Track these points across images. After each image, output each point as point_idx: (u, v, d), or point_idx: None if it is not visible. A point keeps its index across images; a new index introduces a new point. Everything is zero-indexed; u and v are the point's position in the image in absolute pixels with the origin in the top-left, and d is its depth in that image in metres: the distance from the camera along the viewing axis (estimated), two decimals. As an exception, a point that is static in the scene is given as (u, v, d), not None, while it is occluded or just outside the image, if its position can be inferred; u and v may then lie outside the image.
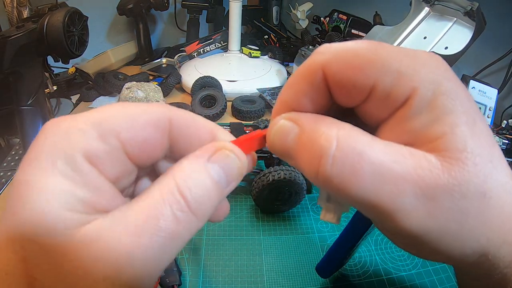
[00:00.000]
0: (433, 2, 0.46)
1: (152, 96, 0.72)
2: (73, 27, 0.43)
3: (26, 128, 0.45)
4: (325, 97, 0.16)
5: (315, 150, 0.14)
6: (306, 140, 0.15)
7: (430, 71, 0.15)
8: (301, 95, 0.16)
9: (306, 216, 0.46)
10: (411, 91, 0.14)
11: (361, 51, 0.15)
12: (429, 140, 0.14)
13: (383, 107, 0.15)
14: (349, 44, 0.15)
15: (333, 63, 0.15)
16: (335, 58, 0.15)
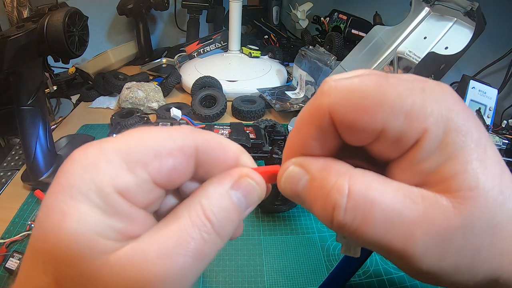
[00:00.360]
0: (433, 2, 0.46)
1: (152, 96, 0.72)
2: (73, 27, 0.42)
3: (26, 128, 0.45)
4: (334, 138, 0.16)
5: (327, 201, 0.15)
6: (317, 189, 0.15)
7: (440, 108, 0.14)
8: (310, 139, 0.16)
9: (306, 216, 0.46)
10: (422, 132, 0.14)
11: (368, 92, 0.14)
12: (441, 180, 0.14)
13: (393, 148, 0.15)
14: (355, 82, 0.15)
15: (340, 106, 0.15)
16: (341, 101, 0.15)
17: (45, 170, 0.47)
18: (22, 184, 0.49)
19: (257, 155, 0.46)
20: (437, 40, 0.45)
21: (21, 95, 0.43)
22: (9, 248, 0.40)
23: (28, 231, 0.40)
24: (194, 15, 1.02)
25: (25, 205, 0.46)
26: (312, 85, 0.73)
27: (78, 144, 0.58)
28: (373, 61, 0.52)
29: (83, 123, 0.67)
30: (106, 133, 0.63)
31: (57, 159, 0.50)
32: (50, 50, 0.43)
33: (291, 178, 0.17)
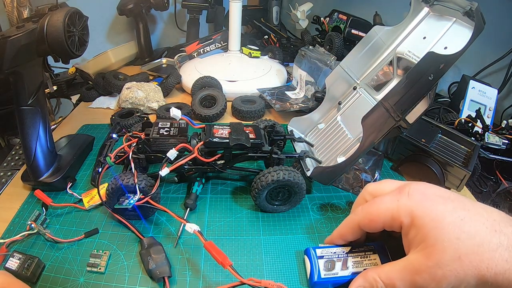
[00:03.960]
0: (433, 2, 0.46)
1: (152, 96, 0.72)
2: (73, 27, 0.43)
3: (26, 128, 0.45)
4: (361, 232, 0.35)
5: None
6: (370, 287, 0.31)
7: (408, 207, 0.30)
8: (349, 233, 0.36)
9: (306, 216, 0.46)
10: (399, 222, 0.30)
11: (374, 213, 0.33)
12: (418, 244, 0.28)
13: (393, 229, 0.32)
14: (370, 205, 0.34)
15: (361, 221, 0.34)
16: (362, 217, 0.34)
17: (45, 170, 0.47)
18: (22, 184, 0.49)
19: (256, 155, 0.46)
20: (437, 40, 0.45)
21: (21, 95, 0.43)
22: (9, 248, 0.40)
23: (28, 231, 0.40)
24: (194, 15, 1.02)
25: (25, 205, 0.46)
26: (312, 85, 0.73)
27: (78, 144, 0.59)
28: (372, 61, 0.52)
29: (83, 123, 0.67)
30: (106, 133, 0.63)
31: (57, 159, 0.50)
32: (50, 50, 0.43)
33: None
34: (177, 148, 0.42)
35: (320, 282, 0.34)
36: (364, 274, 0.32)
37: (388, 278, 0.29)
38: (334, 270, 0.34)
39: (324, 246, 0.37)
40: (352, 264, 0.35)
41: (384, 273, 0.30)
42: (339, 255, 0.36)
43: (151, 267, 0.36)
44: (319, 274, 0.34)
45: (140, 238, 0.41)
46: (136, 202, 0.40)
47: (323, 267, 0.35)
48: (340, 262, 0.35)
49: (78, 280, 0.36)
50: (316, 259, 0.35)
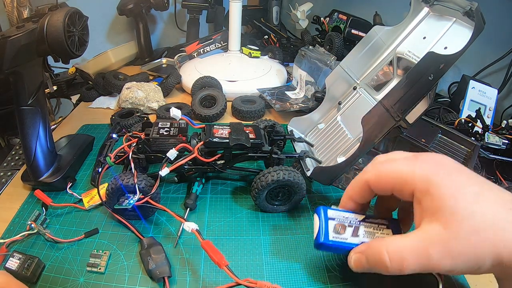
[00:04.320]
0: (432, 2, 0.46)
1: (152, 96, 0.72)
2: (73, 27, 0.43)
3: (26, 128, 0.45)
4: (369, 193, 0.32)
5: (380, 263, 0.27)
6: (372, 260, 0.28)
7: (424, 172, 0.27)
8: (357, 193, 0.33)
9: (306, 216, 0.46)
10: (413, 187, 0.28)
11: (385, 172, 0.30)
12: (432, 214, 0.26)
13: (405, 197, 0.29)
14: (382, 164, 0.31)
15: (371, 179, 0.31)
16: (372, 176, 0.31)
17: (45, 170, 0.47)
18: (22, 184, 0.49)
19: (256, 155, 0.46)
20: (436, 40, 0.45)
21: (21, 95, 0.43)
22: (9, 248, 0.40)
23: (28, 230, 0.40)
24: (194, 15, 1.02)
25: (25, 205, 0.46)
26: (312, 85, 0.73)
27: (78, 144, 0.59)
28: (372, 61, 0.52)
29: (83, 123, 0.67)
30: (106, 133, 0.63)
31: (57, 159, 0.50)
32: (50, 50, 0.43)
33: (356, 262, 0.30)
34: (177, 148, 0.42)
35: (326, 244, 0.31)
36: (368, 244, 0.29)
37: (397, 251, 0.26)
38: (343, 234, 0.31)
39: (336, 208, 0.34)
40: (364, 233, 0.32)
41: (393, 245, 0.27)
42: (351, 221, 0.32)
43: (151, 267, 0.36)
44: (327, 235, 0.31)
45: (140, 238, 0.41)
46: (136, 202, 0.40)
47: (333, 229, 0.31)
48: (351, 228, 0.32)
49: (78, 280, 0.36)
50: (326, 220, 0.32)
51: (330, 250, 0.32)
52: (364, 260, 0.29)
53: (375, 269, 0.28)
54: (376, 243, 0.28)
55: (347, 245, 0.31)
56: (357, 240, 0.31)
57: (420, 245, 0.25)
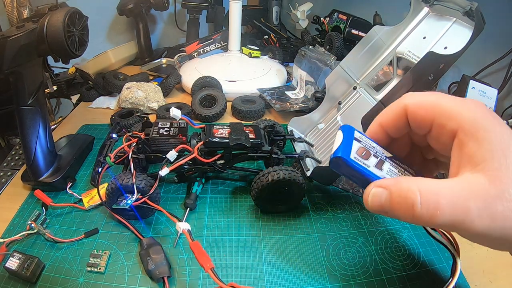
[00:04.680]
0: (432, 2, 0.46)
1: (152, 96, 0.72)
2: (73, 27, 0.43)
3: (26, 128, 0.45)
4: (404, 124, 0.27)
5: (407, 202, 0.22)
6: (397, 197, 0.23)
7: (471, 113, 0.23)
8: (390, 120, 0.27)
9: (306, 216, 0.46)
10: (457, 126, 0.23)
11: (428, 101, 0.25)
12: (477, 163, 0.22)
13: (442, 137, 0.24)
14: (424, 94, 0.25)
15: (411, 104, 0.26)
16: (413, 101, 0.26)
17: (45, 170, 0.47)
18: (22, 184, 0.49)
19: (256, 155, 0.46)
20: (436, 40, 0.45)
21: (21, 95, 0.43)
22: (9, 248, 0.40)
23: (28, 230, 0.40)
24: (194, 15, 1.02)
25: (25, 205, 0.46)
26: (312, 85, 0.73)
27: (78, 144, 0.59)
28: (372, 61, 0.52)
29: (83, 123, 0.67)
30: (106, 133, 0.63)
31: (57, 159, 0.50)
32: (50, 50, 0.43)
33: (375, 196, 0.24)
34: (177, 149, 0.42)
35: (346, 160, 0.26)
36: (397, 179, 0.24)
37: (433, 193, 0.21)
38: (366, 161, 0.27)
39: (363, 134, 0.29)
40: (388, 170, 0.27)
41: (428, 186, 0.22)
42: (377, 152, 0.28)
43: (150, 268, 0.36)
44: (349, 151, 0.26)
45: (139, 238, 0.41)
46: (133, 202, 0.40)
47: (356, 149, 0.27)
48: (376, 159, 0.27)
49: (78, 280, 0.36)
50: (351, 137, 0.28)
51: (345, 172, 0.27)
52: (387, 197, 0.23)
53: (396, 212, 0.23)
54: (406, 179, 0.23)
55: (367, 173, 0.26)
56: (380, 173, 0.27)
57: (460, 194, 0.21)
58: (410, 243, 0.42)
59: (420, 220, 0.22)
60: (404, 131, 0.27)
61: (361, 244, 0.42)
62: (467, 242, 0.43)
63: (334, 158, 0.26)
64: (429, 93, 0.26)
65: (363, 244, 0.42)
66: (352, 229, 0.44)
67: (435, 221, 0.21)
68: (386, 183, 0.24)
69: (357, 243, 0.42)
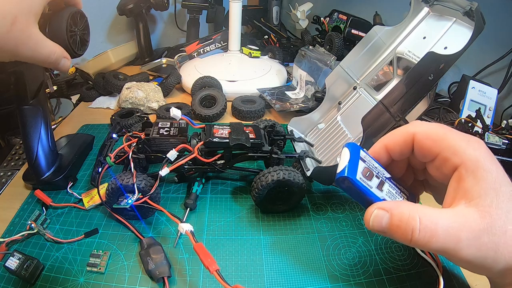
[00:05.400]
0: (433, 2, 0.46)
1: (152, 96, 0.72)
2: (75, 27, 0.43)
3: (28, 127, 0.45)
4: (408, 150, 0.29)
5: (407, 227, 0.24)
6: (397, 222, 0.25)
7: (476, 152, 0.25)
8: (396, 144, 0.29)
9: (306, 216, 0.46)
10: (460, 162, 0.25)
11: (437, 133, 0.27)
12: (472, 198, 0.25)
13: (444, 168, 0.27)
14: (432, 125, 0.28)
15: (420, 133, 0.28)
16: (422, 131, 0.28)
17: (47, 170, 0.47)
18: (22, 184, 0.49)
19: (256, 155, 0.46)
20: (436, 40, 0.45)
21: (22, 94, 0.43)
22: (9, 247, 0.40)
23: (28, 230, 0.41)
24: (194, 15, 1.02)
25: (25, 205, 0.46)
26: (312, 85, 0.73)
27: (78, 143, 0.58)
28: (372, 61, 0.52)
29: (83, 123, 0.67)
30: (106, 133, 0.63)
31: (58, 158, 0.50)
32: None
33: (377, 217, 0.26)
34: (177, 149, 0.42)
35: (352, 180, 0.27)
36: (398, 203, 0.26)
37: (432, 222, 0.24)
38: (369, 181, 0.28)
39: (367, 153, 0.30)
40: (387, 192, 0.29)
41: (428, 215, 0.24)
42: (379, 172, 0.29)
43: (150, 268, 0.36)
44: (355, 172, 0.27)
45: (140, 238, 0.41)
46: (134, 202, 0.40)
47: (361, 170, 0.28)
48: (378, 180, 0.28)
49: (78, 280, 0.36)
50: (357, 157, 0.28)
51: (348, 191, 0.28)
52: (387, 220, 0.25)
53: (395, 234, 0.25)
54: (407, 205, 0.25)
55: (370, 194, 0.27)
56: (380, 194, 0.28)
57: (454, 225, 0.24)
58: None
59: (416, 244, 0.24)
60: (406, 156, 0.29)
61: (361, 244, 0.42)
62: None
63: (341, 178, 0.27)
64: (437, 125, 0.28)
65: (363, 244, 0.42)
66: (352, 229, 0.44)
67: (429, 246, 0.24)
68: (388, 206, 0.26)
69: (357, 243, 0.42)
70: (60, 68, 0.36)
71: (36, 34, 0.33)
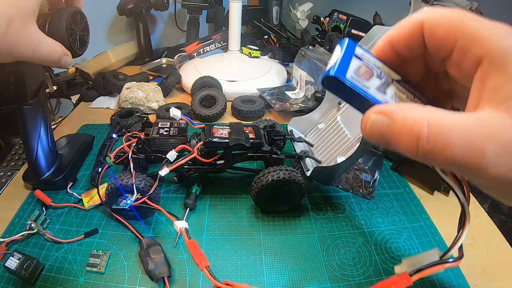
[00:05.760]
0: (432, 2, 0.46)
1: (152, 96, 0.72)
2: (75, 26, 0.43)
3: (28, 127, 0.45)
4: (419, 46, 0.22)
5: (412, 134, 0.18)
6: (400, 128, 0.19)
7: (503, 40, 0.18)
8: (402, 36, 0.22)
9: (306, 216, 0.46)
10: (483, 52, 0.18)
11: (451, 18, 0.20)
12: (501, 100, 0.18)
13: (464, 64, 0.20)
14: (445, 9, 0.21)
15: (430, 19, 0.21)
16: (432, 17, 0.21)
17: (47, 170, 0.47)
18: (22, 184, 0.49)
19: (256, 155, 0.46)
20: (437, 40, 0.45)
21: (22, 94, 0.43)
22: (9, 247, 0.40)
23: (28, 230, 0.41)
24: (194, 15, 1.02)
25: (25, 205, 0.46)
26: (312, 85, 0.73)
27: (78, 143, 0.58)
28: (372, 61, 0.52)
29: (83, 123, 0.67)
30: (106, 133, 0.63)
31: (58, 158, 0.50)
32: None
33: (375, 124, 0.20)
34: (176, 149, 0.42)
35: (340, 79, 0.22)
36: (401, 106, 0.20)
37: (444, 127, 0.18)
38: (366, 82, 0.23)
39: (367, 51, 0.25)
40: (393, 96, 0.23)
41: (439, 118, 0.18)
42: (382, 73, 0.24)
43: (150, 268, 0.36)
44: (344, 70, 0.22)
45: (139, 238, 0.41)
46: (133, 203, 0.40)
47: (355, 68, 0.23)
48: (379, 80, 0.23)
49: (77, 280, 0.36)
50: (350, 54, 0.24)
51: (340, 94, 0.23)
52: (388, 125, 0.20)
53: (397, 144, 0.19)
54: (413, 107, 0.19)
55: (366, 95, 0.22)
56: (382, 98, 0.23)
57: (476, 133, 0.17)
58: (410, 243, 0.42)
59: (424, 157, 0.18)
60: (417, 52, 0.23)
61: (361, 244, 0.42)
62: (467, 242, 0.43)
63: (326, 77, 0.22)
64: (451, 9, 0.21)
65: (363, 244, 0.42)
66: (352, 229, 0.44)
67: (443, 160, 0.18)
68: (388, 109, 0.20)
69: (357, 243, 0.42)
70: (61, 65, 0.36)
71: (35, 34, 0.32)
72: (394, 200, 0.49)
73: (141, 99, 0.70)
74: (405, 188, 0.51)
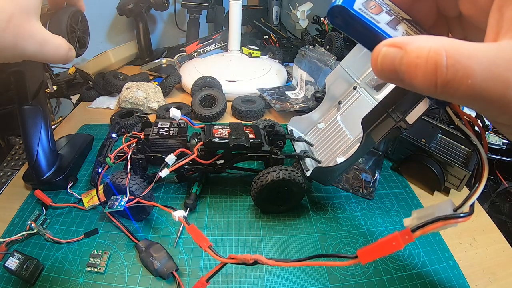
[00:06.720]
0: (433, 2, 0.46)
1: (152, 96, 0.72)
2: (76, 26, 0.43)
3: (28, 127, 0.45)
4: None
5: (428, 65, 0.16)
6: (415, 59, 0.17)
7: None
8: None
9: (306, 216, 0.46)
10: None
11: None
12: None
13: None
14: None
15: None
16: None
17: (47, 170, 0.47)
18: (22, 184, 0.49)
19: (256, 155, 0.46)
20: (437, 40, 0.45)
21: (22, 94, 0.43)
22: (9, 247, 0.40)
23: (28, 230, 0.40)
24: (194, 15, 1.02)
25: (25, 205, 0.46)
26: (312, 85, 0.73)
27: (78, 143, 0.58)
28: (372, 61, 0.52)
29: (83, 123, 0.67)
30: (105, 133, 0.63)
31: (58, 158, 0.50)
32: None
33: (387, 57, 0.18)
34: (175, 153, 0.42)
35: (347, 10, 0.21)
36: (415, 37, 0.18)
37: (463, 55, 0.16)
38: (375, 15, 0.21)
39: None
40: (404, 32, 0.22)
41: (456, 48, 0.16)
42: (392, 10, 0.22)
43: (156, 267, 0.36)
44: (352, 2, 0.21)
45: (135, 242, 0.40)
46: (126, 204, 0.39)
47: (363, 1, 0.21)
48: (389, 16, 0.22)
49: (77, 280, 0.36)
50: None
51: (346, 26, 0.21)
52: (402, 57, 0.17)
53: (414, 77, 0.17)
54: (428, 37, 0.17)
55: (375, 28, 0.21)
56: (394, 33, 0.21)
57: (498, 61, 0.16)
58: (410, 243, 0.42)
59: (444, 89, 0.16)
60: None
61: (361, 244, 0.42)
62: (467, 242, 0.43)
63: (333, 8, 0.21)
64: None
65: (363, 244, 0.42)
66: (352, 229, 0.44)
67: (464, 92, 0.16)
68: (402, 42, 0.18)
69: (357, 243, 0.42)
70: (67, 60, 0.35)
71: (39, 30, 0.32)
72: (394, 200, 0.49)
73: (141, 99, 0.70)
74: (405, 188, 0.51)
